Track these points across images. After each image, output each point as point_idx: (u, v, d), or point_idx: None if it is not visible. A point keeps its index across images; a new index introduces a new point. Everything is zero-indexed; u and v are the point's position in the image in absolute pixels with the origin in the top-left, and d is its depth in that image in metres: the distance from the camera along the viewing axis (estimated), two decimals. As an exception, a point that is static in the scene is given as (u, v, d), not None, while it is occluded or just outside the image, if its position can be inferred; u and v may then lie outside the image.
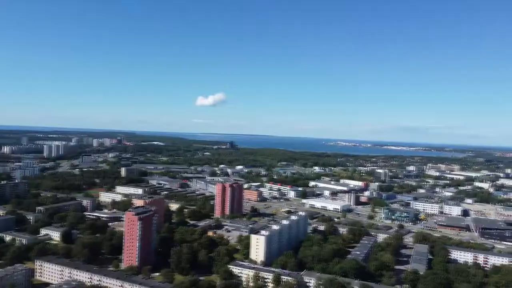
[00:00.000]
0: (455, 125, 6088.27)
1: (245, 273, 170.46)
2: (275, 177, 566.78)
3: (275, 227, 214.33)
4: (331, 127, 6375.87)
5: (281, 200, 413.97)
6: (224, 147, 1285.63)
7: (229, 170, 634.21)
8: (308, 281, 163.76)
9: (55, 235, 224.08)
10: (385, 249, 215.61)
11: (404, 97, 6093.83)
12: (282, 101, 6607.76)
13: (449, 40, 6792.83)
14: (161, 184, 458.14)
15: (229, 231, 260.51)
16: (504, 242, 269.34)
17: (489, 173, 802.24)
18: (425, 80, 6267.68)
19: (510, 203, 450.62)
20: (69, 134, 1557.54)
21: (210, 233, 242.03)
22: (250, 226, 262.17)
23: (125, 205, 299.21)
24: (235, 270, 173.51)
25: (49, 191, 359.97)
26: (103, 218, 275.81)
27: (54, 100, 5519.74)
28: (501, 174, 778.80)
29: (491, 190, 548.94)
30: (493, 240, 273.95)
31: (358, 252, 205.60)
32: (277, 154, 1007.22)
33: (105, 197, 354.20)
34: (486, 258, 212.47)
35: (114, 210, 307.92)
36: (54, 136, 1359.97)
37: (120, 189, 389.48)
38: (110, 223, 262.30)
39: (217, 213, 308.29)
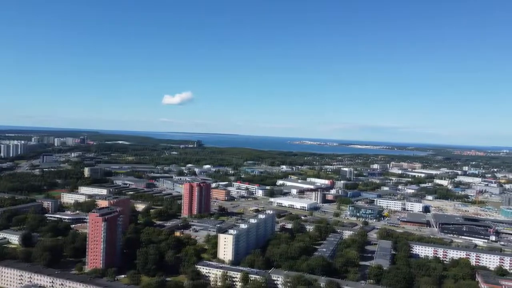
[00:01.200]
0: (416, 124, 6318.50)
1: (213, 273, 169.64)
2: (243, 176, 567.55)
3: (243, 226, 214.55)
4: (298, 126, 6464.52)
5: (249, 199, 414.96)
6: (191, 146, 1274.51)
7: (196, 170, 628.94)
8: (276, 279, 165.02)
9: (14, 239, 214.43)
10: (350, 246, 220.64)
11: (369, 97, 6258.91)
12: (249, 100, 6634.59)
13: (409, 41, 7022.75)
14: (126, 184, 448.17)
15: (196, 231, 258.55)
16: (462, 237, 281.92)
17: (448, 170, 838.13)
18: (388, 81, 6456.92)
19: (467, 199, 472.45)
20: (28, 133, 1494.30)
21: (177, 233, 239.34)
22: (218, 225, 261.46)
23: (88, 206, 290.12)
24: (203, 270, 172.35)
25: (7, 193, 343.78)
26: (66, 220, 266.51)
27: (11, 97, 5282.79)
28: (459, 172, 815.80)
29: (450, 187, 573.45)
30: (451, 235, 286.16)
31: (325, 249, 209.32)
32: (245, 153, 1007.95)
33: (67, 198, 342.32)
34: (445, 252, 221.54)
35: (77, 211, 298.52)
36: (12, 135, 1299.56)
37: (84, 189, 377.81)
38: (73, 225, 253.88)
39: (184, 213, 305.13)
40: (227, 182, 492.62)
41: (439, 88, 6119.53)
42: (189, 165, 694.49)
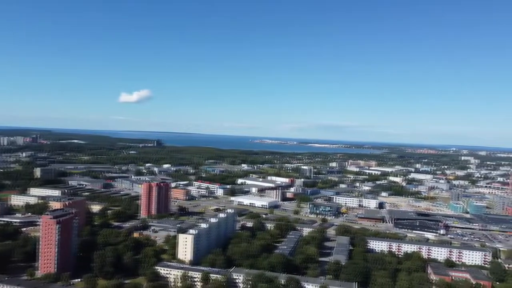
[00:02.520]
0: (372, 124, 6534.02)
1: (172, 274, 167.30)
2: (203, 175, 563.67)
3: (203, 225, 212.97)
4: (259, 125, 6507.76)
5: (210, 198, 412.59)
6: (150, 145, 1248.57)
7: (155, 169, 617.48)
8: (236, 277, 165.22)
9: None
10: (310, 243, 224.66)
11: (327, 97, 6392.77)
12: (210, 99, 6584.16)
13: (363, 41, 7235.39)
14: (82, 184, 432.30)
15: (156, 232, 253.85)
16: (414, 231, 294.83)
17: (401, 168, 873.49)
18: (345, 81, 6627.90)
19: (420, 195, 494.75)
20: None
21: (136, 234, 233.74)
22: (178, 225, 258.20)
23: (41, 208, 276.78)
24: (162, 271, 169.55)
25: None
26: (15, 223, 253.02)
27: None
28: (412, 169, 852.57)
29: (404, 183, 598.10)
30: (405, 230, 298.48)
31: (285, 247, 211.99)
32: (205, 152, 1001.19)
33: (17, 200, 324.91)
34: (399, 246, 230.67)
35: (29, 214, 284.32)
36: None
37: (35, 191, 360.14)
38: (24, 228, 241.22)
39: (143, 214, 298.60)
40: (187, 182, 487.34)
41: (393, 88, 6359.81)
42: (148, 164, 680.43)
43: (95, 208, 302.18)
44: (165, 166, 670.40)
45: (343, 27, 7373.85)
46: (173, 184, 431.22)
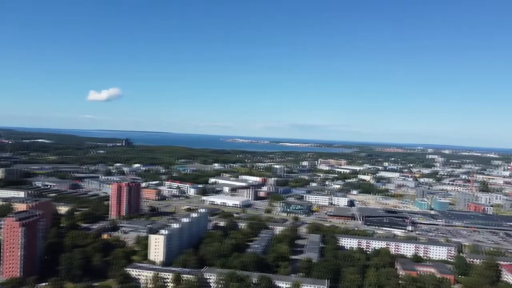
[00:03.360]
0: (342, 123, 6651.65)
1: (143, 275, 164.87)
2: (174, 175, 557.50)
3: (175, 225, 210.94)
4: (231, 124, 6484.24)
5: (181, 198, 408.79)
6: (120, 144, 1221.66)
7: (125, 169, 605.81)
8: (209, 277, 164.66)
9: None
10: (282, 241, 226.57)
11: (299, 96, 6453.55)
12: (181, 98, 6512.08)
13: (334, 40, 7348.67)
14: (48, 185, 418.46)
15: (126, 233, 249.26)
16: (383, 228, 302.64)
17: (370, 166, 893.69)
18: (316, 80, 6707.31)
19: (388, 193, 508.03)
20: None
21: (105, 236, 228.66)
22: (149, 226, 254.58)
23: (4, 210, 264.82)
24: (133, 272, 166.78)
25: None
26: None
27: None
28: (380, 167, 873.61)
29: (372, 181, 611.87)
30: (374, 227, 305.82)
31: (257, 245, 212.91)
32: (177, 152, 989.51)
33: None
34: (368, 243, 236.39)
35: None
36: None
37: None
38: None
39: (113, 214, 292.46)
40: (158, 181, 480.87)
41: (363, 88, 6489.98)
42: (118, 164, 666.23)
43: (62, 209, 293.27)
44: (136, 165, 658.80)
45: (312, 25, 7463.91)
46: (143, 184, 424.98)
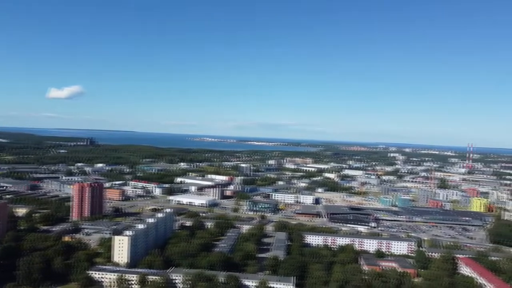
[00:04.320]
0: (308, 122, 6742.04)
1: (107, 278, 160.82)
2: (140, 175, 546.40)
3: (140, 226, 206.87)
4: (198, 123, 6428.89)
5: (147, 198, 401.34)
6: (82, 143, 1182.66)
7: (88, 169, 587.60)
8: (175, 278, 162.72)
9: None
10: (249, 239, 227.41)
11: (266, 95, 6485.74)
12: (146, 97, 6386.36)
13: (300, 40, 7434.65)
14: (3, 186, 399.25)
15: (89, 234, 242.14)
16: (348, 224, 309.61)
17: (335, 165, 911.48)
18: (282, 80, 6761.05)
19: (352, 190, 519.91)
20: None
21: (66, 238, 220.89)
22: (113, 227, 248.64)
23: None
24: (96, 275, 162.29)
25: None
26: None
27: None
28: (345, 166, 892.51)
29: (337, 179, 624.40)
30: (339, 223, 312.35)
31: (224, 245, 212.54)
32: (142, 151, 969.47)
33: None
34: (334, 239, 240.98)
35: None
36: None
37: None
38: None
39: (75, 216, 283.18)
40: (122, 181, 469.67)
41: (330, 88, 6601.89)
42: (80, 164, 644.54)
43: (20, 211, 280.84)
44: (99, 165, 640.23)
45: (278, 26, 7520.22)
46: (107, 184, 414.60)
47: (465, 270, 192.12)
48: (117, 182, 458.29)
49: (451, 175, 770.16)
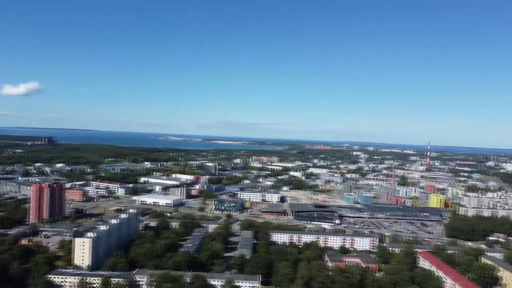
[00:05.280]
0: (274, 121, 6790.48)
1: (68, 281, 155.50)
2: (102, 175, 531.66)
3: (103, 227, 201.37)
4: (163, 122, 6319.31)
5: (110, 198, 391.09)
6: (40, 143, 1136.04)
7: (47, 169, 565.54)
8: (140, 279, 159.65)
9: None
10: (215, 239, 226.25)
11: (230, 94, 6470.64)
12: (109, 94, 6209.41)
13: (259, 38, 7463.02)
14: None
15: (48, 237, 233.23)
16: (313, 222, 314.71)
17: (301, 163, 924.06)
18: (247, 79, 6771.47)
19: (317, 188, 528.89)
20: None
21: (24, 242, 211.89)
22: (74, 229, 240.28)
23: None
24: (57, 279, 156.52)
25: None
26: None
27: None
28: (310, 164, 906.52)
29: (303, 178, 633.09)
30: (304, 221, 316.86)
31: (190, 245, 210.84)
32: (105, 150, 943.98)
33: None
34: (299, 237, 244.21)
35: None
36: None
37: None
38: None
39: (33, 218, 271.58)
40: (84, 182, 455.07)
41: (294, 87, 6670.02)
42: (38, 164, 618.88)
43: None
44: (59, 165, 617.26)
45: (244, 24, 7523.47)
46: (68, 185, 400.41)
47: (424, 263, 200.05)
48: (78, 183, 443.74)
49: (411, 173, 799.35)
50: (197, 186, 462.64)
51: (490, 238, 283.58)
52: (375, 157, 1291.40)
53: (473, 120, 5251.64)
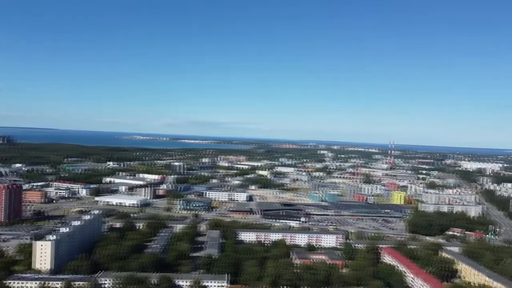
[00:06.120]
0: (242, 120, 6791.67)
1: (28, 286, 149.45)
2: (63, 175, 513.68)
3: (64, 230, 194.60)
4: (128, 121, 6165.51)
5: (72, 199, 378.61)
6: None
7: (3, 170, 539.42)
8: (104, 282, 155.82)
9: None
10: (182, 239, 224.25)
11: (197, 93, 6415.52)
12: (71, 92, 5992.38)
13: (237, 39, 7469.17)
14: None
15: (6, 241, 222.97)
16: (280, 220, 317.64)
17: (268, 162, 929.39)
18: (214, 77, 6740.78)
19: (284, 187, 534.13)
20: None
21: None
22: (34, 231, 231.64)
23: None
24: (15, 284, 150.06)
25: None
26: None
27: None
28: (277, 163, 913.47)
29: (270, 176, 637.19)
30: (272, 220, 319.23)
31: (157, 245, 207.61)
32: (66, 149, 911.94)
33: None
34: (267, 235, 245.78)
35: None
36: None
37: None
38: None
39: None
40: (44, 183, 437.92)
41: (260, 86, 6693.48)
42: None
43: None
44: (16, 165, 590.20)
45: (205, 23, 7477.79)
46: (26, 186, 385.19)
47: (387, 259, 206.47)
48: (38, 184, 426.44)
49: (375, 171, 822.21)
50: (163, 186, 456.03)
51: (448, 232, 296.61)
52: (341, 156, 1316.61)
53: (433, 120, 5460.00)
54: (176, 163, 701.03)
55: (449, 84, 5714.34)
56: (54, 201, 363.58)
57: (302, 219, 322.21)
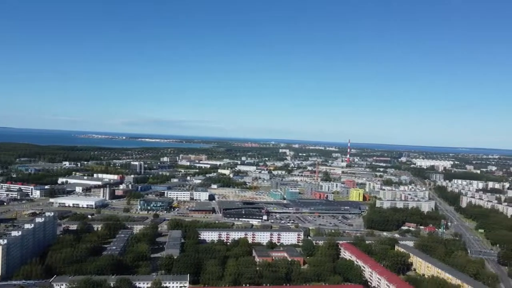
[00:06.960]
0: (202, 119, 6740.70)
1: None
2: (14, 176, 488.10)
3: (15, 233, 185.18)
4: (84, 119, 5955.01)
5: (24, 201, 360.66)
6: None
7: None
8: (58, 286, 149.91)
9: None
10: (141, 240, 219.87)
11: (157, 91, 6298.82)
12: (24, 88, 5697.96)
13: (189, 38, 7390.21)
14: None
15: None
16: (241, 219, 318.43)
17: (229, 161, 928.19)
18: (174, 75, 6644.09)
19: (245, 186, 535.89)
20: None
21: None
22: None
23: None
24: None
25: None
26: None
27: None
28: (238, 161, 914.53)
29: (231, 175, 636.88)
30: (233, 218, 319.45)
31: (114, 247, 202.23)
32: (17, 149, 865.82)
33: None
34: (228, 234, 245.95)
35: None
36: None
37: None
38: None
39: None
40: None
41: (222, 85, 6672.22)
42: None
43: None
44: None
45: (176, 22, 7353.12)
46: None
47: (346, 254, 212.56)
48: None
49: (333, 169, 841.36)
50: (121, 186, 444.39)
51: (403, 227, 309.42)
52: (301, 154, 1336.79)
53: (389, 120, 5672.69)
54: (135, 163, 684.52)
55: (403, 86, 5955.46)
56: (4, 203, 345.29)
57: (263, 217, 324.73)
